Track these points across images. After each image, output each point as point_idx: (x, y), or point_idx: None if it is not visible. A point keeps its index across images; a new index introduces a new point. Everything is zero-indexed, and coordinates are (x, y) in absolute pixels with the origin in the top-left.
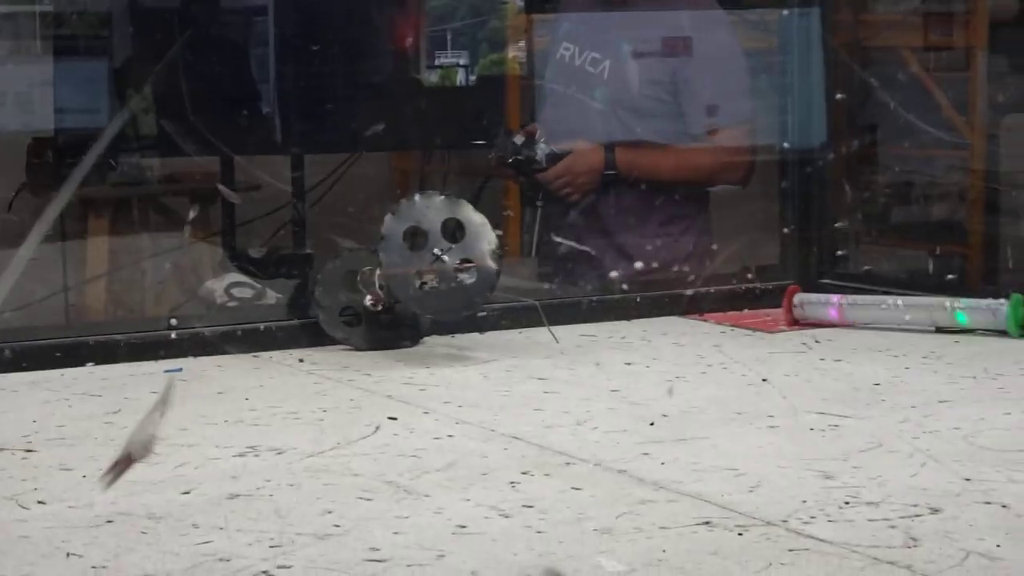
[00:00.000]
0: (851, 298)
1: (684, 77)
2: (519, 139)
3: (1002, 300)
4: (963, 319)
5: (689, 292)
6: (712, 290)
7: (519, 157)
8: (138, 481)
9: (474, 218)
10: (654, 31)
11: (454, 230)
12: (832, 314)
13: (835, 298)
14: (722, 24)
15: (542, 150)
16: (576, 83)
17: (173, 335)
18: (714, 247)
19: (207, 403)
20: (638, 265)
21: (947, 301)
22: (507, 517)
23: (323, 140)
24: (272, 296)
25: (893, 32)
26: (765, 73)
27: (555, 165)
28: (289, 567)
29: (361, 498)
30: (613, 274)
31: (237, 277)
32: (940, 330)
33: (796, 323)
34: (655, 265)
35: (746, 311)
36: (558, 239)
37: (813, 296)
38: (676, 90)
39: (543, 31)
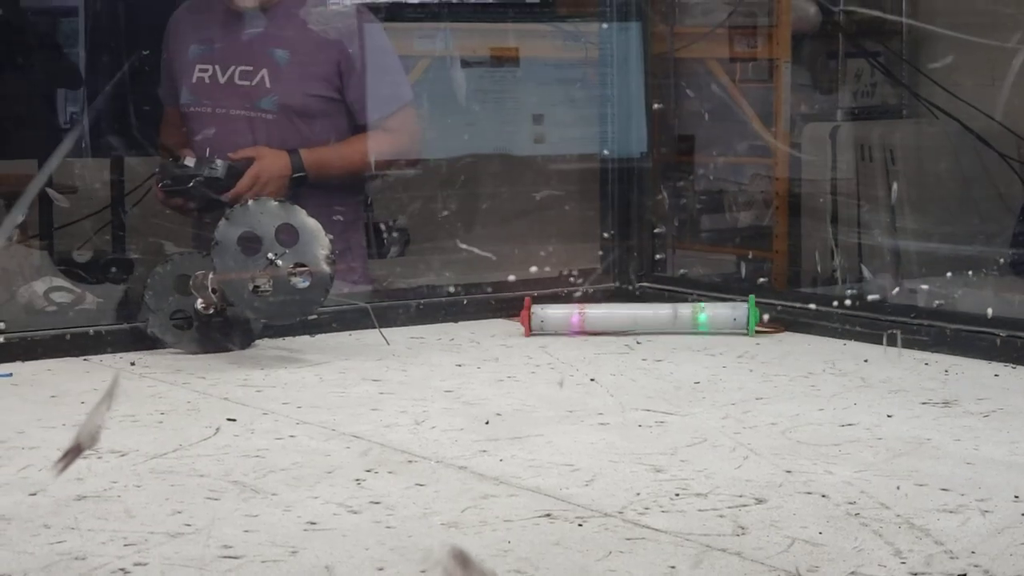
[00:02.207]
0: (593, 308)
1: (345, 73)
2: (191, 162)
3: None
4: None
5: (515, 294)
6: (537, 293)
7: (198, 179)
8: None
9: (308, 223)
10: (300, 35)
11: (288, 235)
12: (574, 322)
13: (575, 310)
14: (365, 19)
15: (220, 166)
16: (228, 100)
17: (1, 339)
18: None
19: (42, 407)
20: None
21: (691, 306)
22: (356, 513)
23: (138, 144)
24: (92, 300)
25: (703, 44)
26: (581, 83)
27: (239, 179)
28: (145, 564)
29: (209, 498)
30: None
31: (56, 282)
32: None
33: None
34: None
35: None
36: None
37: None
38: (341, 86)
39: None
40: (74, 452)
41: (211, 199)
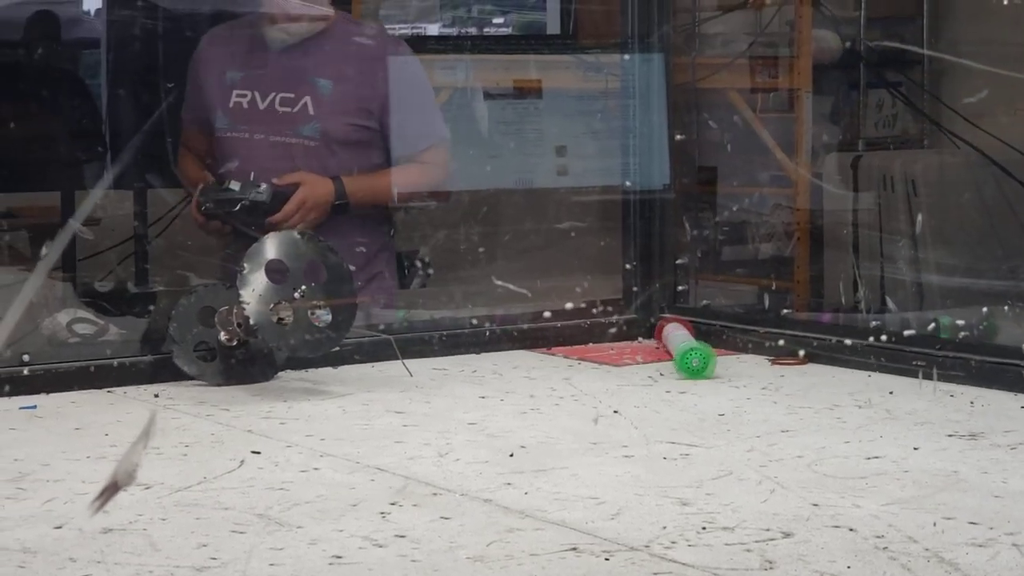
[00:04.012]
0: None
1: (386, 106)
2: (235, 185)
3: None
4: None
5: (537, 326)
6: (559, 324)
7: (244, 203)
8: (7, 517)
9: (331, 257)
10: (343, 65)
11: (313, 268)
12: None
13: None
14: (406, 53)
15: (266, 190)
16: (268, 126)
17: (26, 371)
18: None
19: (67, 439)
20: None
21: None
22: (381, 547)
23: (163, 175)
24: (114, 332)
25: (724, 75)
26: (602, 115)
27: (283, 203)
28: None
29: (234, 531)
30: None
31: (79, 313)
32: None
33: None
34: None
35: (591, 345)
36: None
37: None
38: (380, 118)
39: None
40: (111, 490)
41: (250, 224)
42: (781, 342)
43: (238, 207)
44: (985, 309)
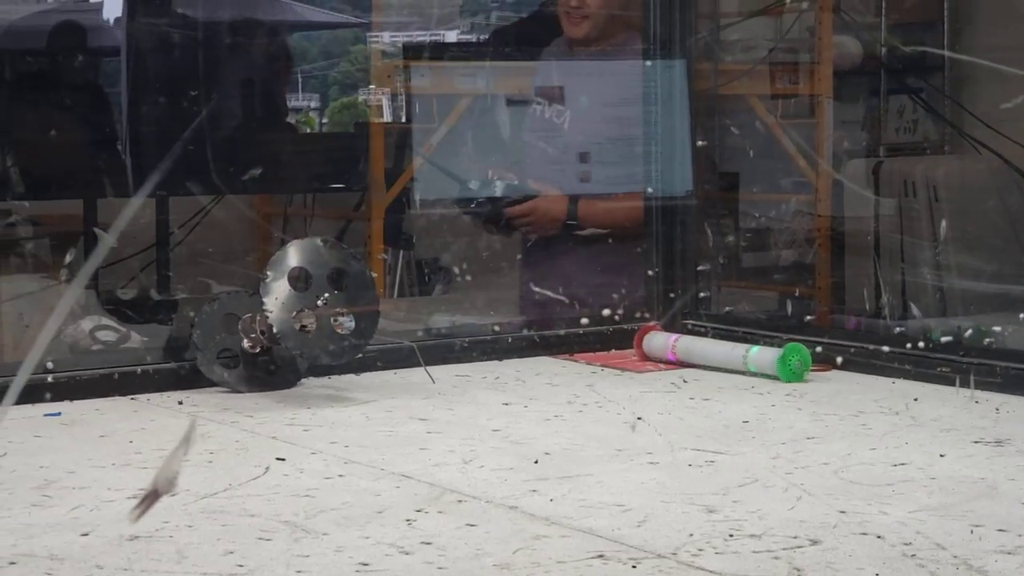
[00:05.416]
0: (683, 339)
1: (640, 130)
2: (474, 184)
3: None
4: (752, 366)
5: (559, 333)
6: (580, 331)
7: (479, 200)
8: (33, 524)
9: (355, 264)
10: (608, 83)
11: (337, 275)
12: (668, 355)
13: (671, 338)
14: (681, 83)
15: (500, 186)
16: (542, 134)
17: (49, 378)
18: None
19: (91, 446)
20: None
21: (745, 347)
22: (407, 554)
23: (189, 183)
24: (137, 339)
25: (745, 81)
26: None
27: (520, 202)
28: None
29: (260, 538)
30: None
31: (101, 320)
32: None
33: (646, 359)
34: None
35: (613, 351)
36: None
37: (658, 335)
38: (631, 141)
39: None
40: (151, 498)
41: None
42: (819, 348)
43: (472, 204)
44: (1022, 316)
